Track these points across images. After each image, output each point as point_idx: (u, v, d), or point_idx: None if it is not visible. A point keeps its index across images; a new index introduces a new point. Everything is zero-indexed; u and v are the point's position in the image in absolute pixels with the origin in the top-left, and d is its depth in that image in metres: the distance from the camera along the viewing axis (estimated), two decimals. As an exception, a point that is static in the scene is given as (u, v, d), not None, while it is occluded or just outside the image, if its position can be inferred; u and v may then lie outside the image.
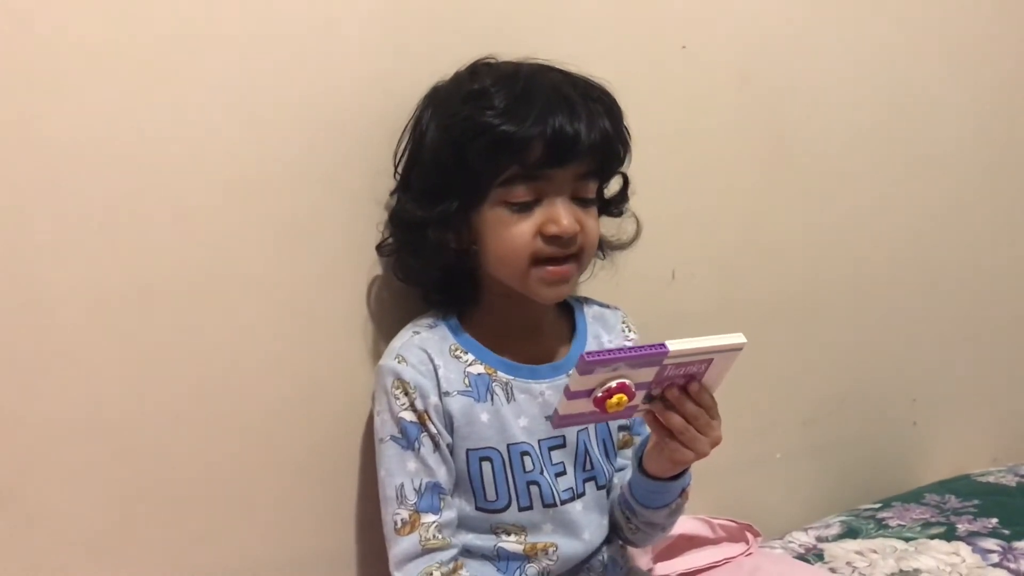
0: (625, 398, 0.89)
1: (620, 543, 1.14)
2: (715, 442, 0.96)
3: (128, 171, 0.96)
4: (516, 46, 1.08)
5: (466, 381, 1.04)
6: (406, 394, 1.01)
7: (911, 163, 1.64)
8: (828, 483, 1.61)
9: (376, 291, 1.12)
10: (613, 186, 1.11)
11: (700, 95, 1.38)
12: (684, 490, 1.05)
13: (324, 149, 1.07)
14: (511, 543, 1.04)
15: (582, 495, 1.08)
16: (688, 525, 1.32)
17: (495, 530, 1.05)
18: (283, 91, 1.04)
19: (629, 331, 1.16)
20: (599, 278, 1.17)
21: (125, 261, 0.97)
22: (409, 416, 1.01)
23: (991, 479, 1.63)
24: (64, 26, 0.92)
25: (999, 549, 1.35)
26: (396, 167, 1.08)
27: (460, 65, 1.06)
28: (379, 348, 1.09)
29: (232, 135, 1.02)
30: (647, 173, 1.14)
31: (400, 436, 1.01)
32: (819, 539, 1.43)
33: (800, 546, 1.41)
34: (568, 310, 1.14)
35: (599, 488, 1.09)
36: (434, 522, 1.00)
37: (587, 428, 1.08)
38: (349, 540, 1.13)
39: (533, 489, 1.05)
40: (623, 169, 1.09)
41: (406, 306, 1.11)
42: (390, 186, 1.09)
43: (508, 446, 1.04)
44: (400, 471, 1.01)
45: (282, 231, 1.06)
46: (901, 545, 1.38)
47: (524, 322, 1.08)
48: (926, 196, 1.67)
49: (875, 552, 1.36)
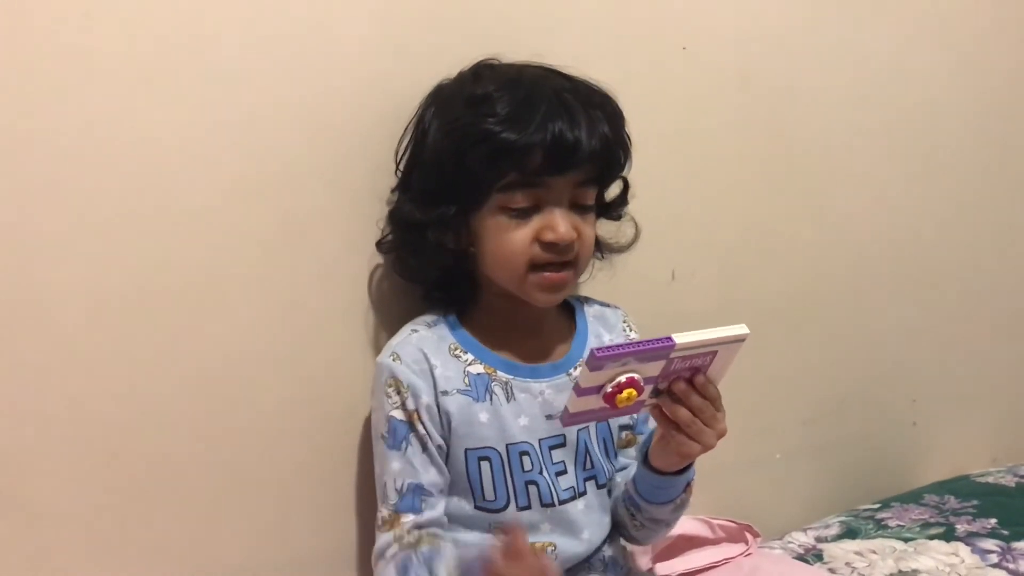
0: (635, 393, 0.89)
1: (621, 542, 1.14)
2: (721, 434, 0.96)
3: (128, 170, 0.97)
4: (516, 46, 1.08)
5: (465, 380, 1.04)
6: (398, 393, 1.02)
7: (911, 163, 1.64)
8: (827, 483, 1.61)
9: (376, 291, 1.12)
10: (613, 190, 1.11)
11: (701, 95, 1.38)
12: (688, 485, 1.05)
13: (324, 148, 1.07)
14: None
15: (583, 494, 1.08)
16: (688, 525, 1.32)
17: (494, 530, 1.05)
18: (283, 90, 1.04)
19: (630, 330, 1.16)
20: (598, 278, 1.17)
21: (125, 260, 0.97)
22: (399, 415, 1.02)
23: (990, 480, 1.63)
24: (64, 26, 0.92)
25: (998, 550, 1.35)
26: (397, 165, 1.08)
27: (461, 65, 1.07)
28: (379, 347, 1.09)
29: (231, 135, 1.02)
30: (647, 173, 1.14)
31: (387, 435, 1.02)
32: (818, 539, 1.42)
33: (799, 546, 1.41)
34: (569, 309, 1.14)
35: (600, 487, 1.10)
36: (412, 522, 1.01)
37: (587, 427, 1.08)
38: (349, 540, 1.13)
39: (531, 489, 1.05)
40: (624, 174, 1.10)
41: (406, 306, 1.12)
42: (390, 183, 1.09)
43: (507, 446, 1.04)
44: (385, 470, 1.02)
45: (282, 230, 1.06)
46: (900, 546, 1.38)
47: (524, 321, 1.08)
48: (926, 196, 1.67)
49: (874, 552, 1.36)
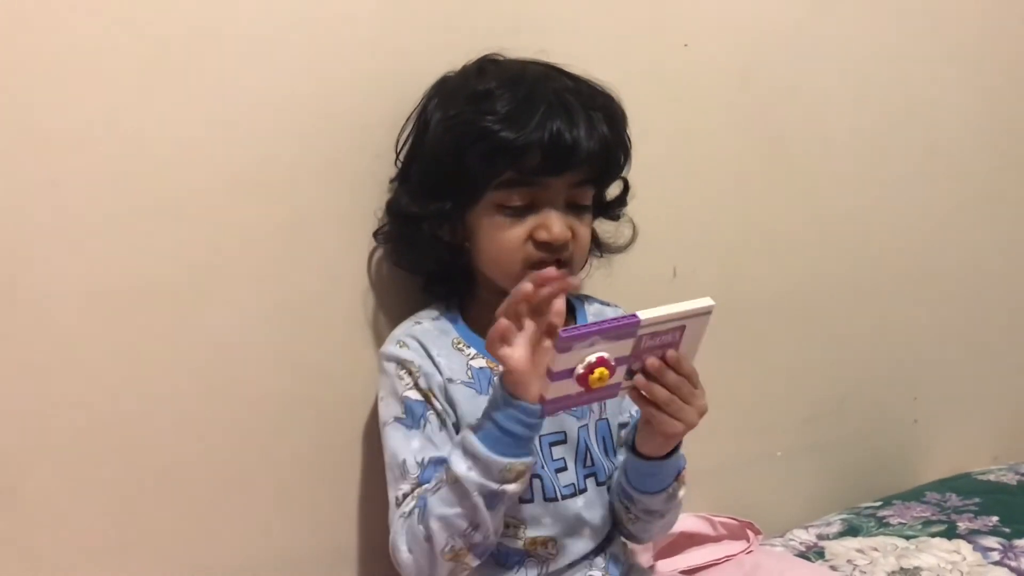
0: (607, 372, 0.89)
1: (622, 540, 1.14)
2: (701, 411, 0.96)
3: (128, 168, 0.97)
4: (517, 45, 1.08)
5: (469, 373, 1.04)
6: (410, 374, 1.02)
7: (911, 163, 1.64)
8: (829, 481, 1.61)
9: (378, 288, 1.12)
10: (613, 190, 1.12)
11: (702, 93, 1.38)
12: (680, 474, 1.05)
13: (324, 146, 1.07)
14: (509, 538, 1.04)
15: (584, 491, 1.08)
16: (689, 523, 1.32)
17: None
18: (283, 88, 1.04)
19: (630, 329, 1.16)
20: (597, 278, 1.17)
21: (125, 258, 0.97)
22: (414, 395, 1.01)
23: (992, 477, 1.63)
24: (64, 25, 0.92)
25: (1000, 547, 1.35)
26: (398, 155, 1.08)
27: (463, 60, 1.07)
28: (381, 341, 1.09)
29: (230, 133, 1.02)
30: (648, 171, 1.14)
31: (404, 415, 1.01)
32: (820, 537, 1.42)
33: (801, 544, 1.41)
34: (569, 308, 1.14)
35: (600, 484, 1.09)
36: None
37: (587, 425, 1.08)
38: (350, 538, 1.13)
39: (535, 482, 1.04)
40: (623, 175, 1.10)
41: (408, 301, 1.12)
42: (389, 174, 1.09)
43: (510, 440, 1.04)
44: (404, 449, 1.00)
45: (282, 226, 1.06)
46: (902, 543, 1.38)
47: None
48: (926, 196, 1.67)
49: (876, 550, 1.36)
